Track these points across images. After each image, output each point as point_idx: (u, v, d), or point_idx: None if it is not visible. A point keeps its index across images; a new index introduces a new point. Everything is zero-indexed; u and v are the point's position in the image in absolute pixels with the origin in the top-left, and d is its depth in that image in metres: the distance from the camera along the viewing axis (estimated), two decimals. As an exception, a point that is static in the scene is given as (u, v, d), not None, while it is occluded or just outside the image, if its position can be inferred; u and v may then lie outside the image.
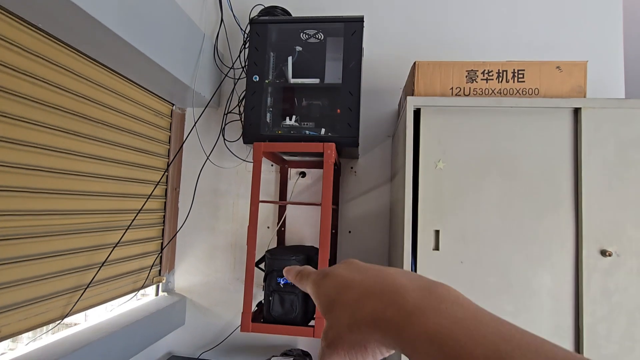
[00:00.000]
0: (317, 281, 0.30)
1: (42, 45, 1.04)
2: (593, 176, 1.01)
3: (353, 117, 1.31)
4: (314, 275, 0.31)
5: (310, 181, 1.70)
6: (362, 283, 0.26)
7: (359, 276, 0.27)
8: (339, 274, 0.29)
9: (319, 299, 0.29)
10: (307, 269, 0.33)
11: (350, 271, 0.29)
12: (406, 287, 0.24)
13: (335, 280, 0.28)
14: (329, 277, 0.29)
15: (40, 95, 1.05)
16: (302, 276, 0.33)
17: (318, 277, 0.30)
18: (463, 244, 1.05)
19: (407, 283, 0.25)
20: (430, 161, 1.08)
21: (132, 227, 1.45)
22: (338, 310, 0.26)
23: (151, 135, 1.58)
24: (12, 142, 0.98)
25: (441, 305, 0.22)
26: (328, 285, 0.28)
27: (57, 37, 1.08)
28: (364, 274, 0.27)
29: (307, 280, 0.31)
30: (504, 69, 1.10)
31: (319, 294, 0.29)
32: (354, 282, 0.27)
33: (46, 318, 1.10)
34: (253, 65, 1.39)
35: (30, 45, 1.01)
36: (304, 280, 0.32)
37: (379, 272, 0.27)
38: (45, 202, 1.08)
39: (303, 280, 0.32)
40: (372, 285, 0.26)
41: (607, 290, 0.99)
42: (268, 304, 1.26)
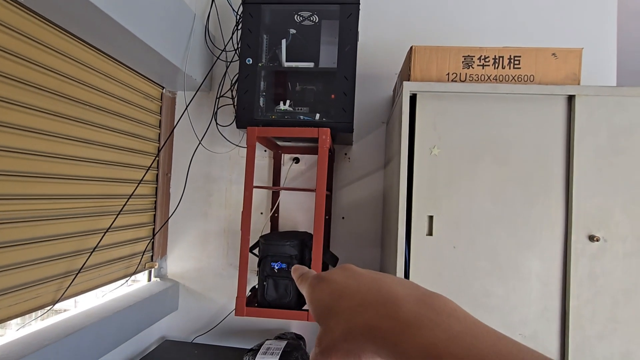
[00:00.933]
0: (313, 285, 0.30)
1: (26, 23, 1.00)
2: (584, 163, 1.03)
3: (348, 102, 1.30)
4: (310, 278, 0.31)
5: (304, 167, 1.69)
6: (357, 291, 0.26)
7: (354, 283, 0.27)
8: (334, 280, 0.28)
9: (313, 303, 0.29)
10: (309, 272, 0.33)
11: (346, 277, 0.28)
12: (402, 298, 0.24)
13: (330, 286, 0.28)
14: (324, 282, 0.29)
15: (24, 75, 1.01)
16: (303, 278, 0.32)
17: (314, 281, 0.30)
18: (456, 229, 1.07)
19: (403, 293, 0.24)
20: (425, 147, 1.08)
21: (123, 213, 1.43)
22: (333, 317, 0.26)
23: (141, 119, 1.54)
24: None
25: (438, 318, 0.21)
26: (323, 291, 0.28)
27: (42, 15, 1.03)
28: (359, 281, 0.27)
29: (305, 283, 0.31)
30: (500, 54, 1.10)
31: (313, 298, 0.29)
32: (349, 290, 0.27)
33: (37, 303, 1.09)
34: (246, 48, 1.36)
35: (14, 23, 0.96)
36: (303, 283, 0.32)
37: (374, 281, 0.27)
38: (32, 186, 1.06)
39: (303, 282, 0.32)
40: (367, 293, 0.25)
41: (593, 274, 1.02)
42: (262, 288, 1.27)
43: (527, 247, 1.05)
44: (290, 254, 1.27)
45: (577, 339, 1.02)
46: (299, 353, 1.28)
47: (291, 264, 1.26)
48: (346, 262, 1.64)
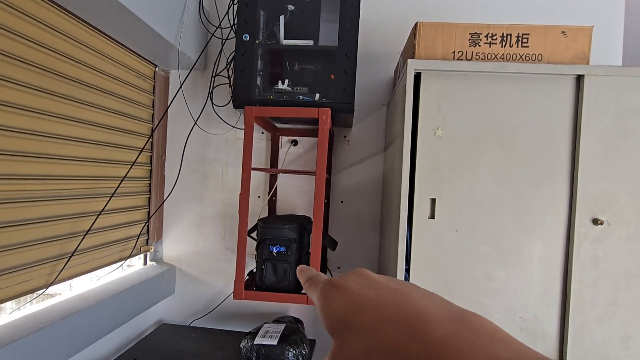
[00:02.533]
0: (325, 292, 0.26)
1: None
2: (591, 145, 1.01)
3: (349, 81, 1.26)
4: (321, 284, 0.27)
5: (303, 150, 1.65)
6: (378, 305, 0.23)
7: (373, 294, 0.24)
8: (349, 288, 0.25)
9: (325, 313, 0.25)
10: (318, 276, 0.30)
11: (363, 286, 0.25)
12: (432, 316, 0.21)
13: (345, 296, 0.25)
14: (337, 290, 0.25)
15: (10, 48, 0.95)
16: (311, 282, 0.29)
17: (326, 288, 0.26)
18: (459, 212, 1.05)
19: (433, 310, 0.21)
20: (429, 128, 1.05)
21: (117, 195, 1.39)
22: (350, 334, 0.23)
23: (133, 99, 1.49)
24: (-20, 99, 0.89)
25: (478, 340, 0.18)
26: (337, 300, 0.25)
27: (24, -18, 0.96)
28: (379, 292, 0.24)
29: (314, 288, 0.28)
30: (508, 32, 1.06)
31: (326, 307, 0.25)
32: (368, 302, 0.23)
33: (30, 286, 1.06)
34: (243, 23, 1.30)
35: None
36: (312, 288, 0.28)
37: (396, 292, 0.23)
38: (23, 165, 1.01)
39: (311, 287, 0.29)
40: (390, 308, 0.22)
41: (595, 258, 1.01)
42: (261, 272, 1.25)
43: (530, 230, 1.04)
44: (289, 237, 1.24)
45: (577, 323, 1.02)
46: (297, 336, 1.27)
47: (290, 248, 1.24)
48: (345, 246, 1.63)
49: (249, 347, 1.22)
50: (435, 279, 1.06)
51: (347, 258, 1.64)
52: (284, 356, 1.19)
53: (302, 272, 0.32)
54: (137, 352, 1.31)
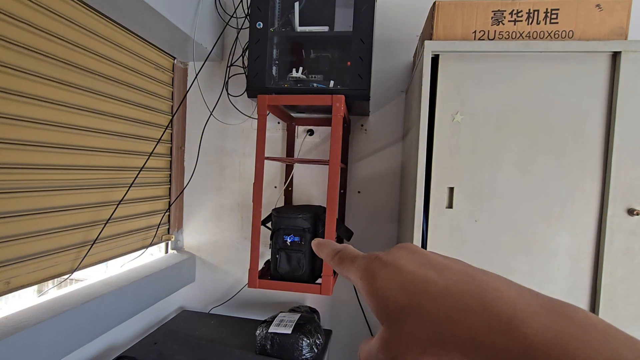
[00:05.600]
0: (370, 272, 0.22)
1: (26, -16, 0.96)
2: (627, 128, 0.92)
3: (364, 67, 1.22)
4: (363, 261, 0.24)
5: (319, 139, 1.63)
6: (447, 290, 0.19)
7: (436, 276, 0.20)
8: (404, 268, 0.22)
9: (375, 296, 0.22)
10: (348, 250, 0.26)
11: (420, 265, 0.21)
12: (518, 304, 0.17)
13: (400, 276, 0.21)
14: (389, 269, 0.22)
15: (29, 41, 0.98)
16: (342, 258, 0.25)
17: (373, 265, 0.23)
18: (478, 201, 1.00)
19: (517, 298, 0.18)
20: (447, 114, 1.00)
21: (137, 185, 1.43)
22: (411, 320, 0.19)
23: (153, 91, 1.52)
24: (5, 91, 0.93)
25: (589, 337, 0.15)
26: (390, 281, 0.21)
27: (43, -24, 0.99)
28: (444, 274, 0.20)
29: (351, 266, 0.24)
30: (535, 8, 0.98)
31: (375, 289, 0.22)
32: (433, 285, 0.20)
33: (55, 271, 1.11)
34: (256, 11, 1.28)
35: (14, -16, 0.93)
36: (347, 265, 0.25)
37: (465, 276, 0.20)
38: (46, 156, 1.05)
39: (345, 264, 0.25)
40: (464, 294, 0.19)
41: (630, 251, 0.93)
42: (275, 261, 1.25)
43: (557, 221, 0.97)
44: (303, 227, 1.23)
45: (609, 320, 0.95)
46: (312, 326, 1.27)
47: (304, 237, 1.23)
48: (361, 237, 1.60)
49: (264, 335, 1.23)
50: (453, 271, 1.01)
51: (363, 249, 1.60)
52: (297, 345, 1.19)
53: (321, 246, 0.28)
54: (157, 337, 1.35)
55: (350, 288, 1.61)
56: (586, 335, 0.15)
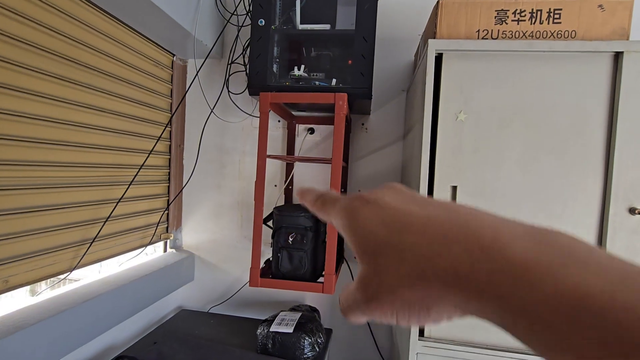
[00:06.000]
0: (354, 209, 0.22)
1: (26, -22, 0.94)
2: (629, 127, 0.93)
3: (366, 65, 1.22)
4: (345, 201, 0.23)
5: (319, 138, 1.63)
6: (429, 221, 0.19)
7: (419, 210, 0.20)
8: (387, 204, 0.21)
9: (355, 234, 0.21)
10: (330, 193, 0.25)
11: (404, 202, 0.21)
12: (503, 232, 0.17)
13: (382, 213, 0.20)
14: (371, 206, 0.21)
15: (28, 35, 0.96)
16: (324, 202, 0.25)
17: (354, 204, 0.22)
18: (482, 200, 1.00)
19: (502, 225, 0.17)
20: (451, 112, 1.00)
21: (137, 183, 1.42)
22: (391, 255, 0.19)
23: (152, 87, 1.50)
24: (2, 86, 0.91)
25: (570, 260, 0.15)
26: (371, 218, 0.20)
27: (42, -30, 0.97)
28: (426, 208, 0.20)
29: (332, 208, 0.23)
30: (538, 8, 0.99)
31: (356, 227, 0.21)
32: (414, 218, 0.19)
33: (54, 270, 1.10)
34: (258, 8, 1.28)
35: (13, -22, 0.91)
36: (328, 207, 0.24)
37: (447, 210, 0.19)
38: (43, 152, 1.04)
39: (326, 208, 0.24)
40: (446, 224, 0.18)
41: (632, 250, 0.94)
42: (276, 260, 1.24)
43: (559, 220, 0.98)
44: (305, 225, 1.23)
45: (609, 317, 0.96)
46: (313, 325, 1.26)
47: (306, 236, 1.23)
48: (362, 236, 1.60)
49: (265, 334, 1.23)
50: (455, 270, 1.01)
51: (364, 248, 1.61)
52: (299, 344, 1.18)
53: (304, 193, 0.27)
54: (157, 337, 1.34)
55: (350, 287, 1.60)
56: (568, 259, 0.15)
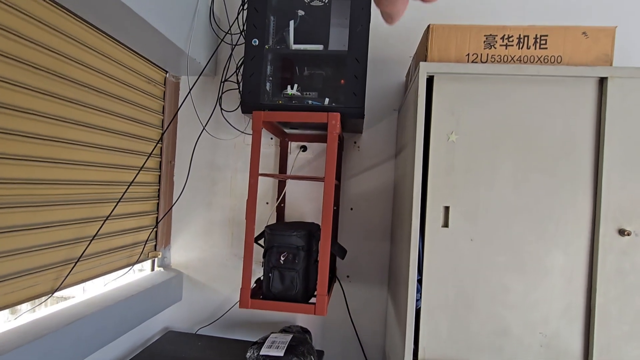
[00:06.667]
0: None
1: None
2: (615, 151, 0.95)
3: (359, 85, 1.23)
4: None
5: (312, 156, 1.63)
6: None
7: None
8: None
9: None
10: None
11: None
12: None
13: None
14: None
15: (18, 52, 0.95)
16: None
17: None
18: (474, 221, 1.00)
19: None
20: (442, 133, 1.01)
21: (125, 200, 1.39)
22: None
23: (144, 104, 1.49)
24: (-11, 103, 0.89)
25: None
26: None
27: (36, -12, 0.97)
28: None
29: None
30: (525, 34, 1.02)
31: None
32: None
33: (35, 292, 1.05)
34: (252, 28, 1.29)
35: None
36: None
37: None
38: (30, 170, 1.01)
39: None
40: None
41: (622, 271, 0.95)
42: (267, 280, 1.22)
43: (551, 240, 0.98)
44: (297, 245, 1.21)
45: (603, 340, 0.95)
46: (304, 347, 1.23)
47: (298, 256, 1.21)
48: (354, 255, 1.58)
49: (255, 358, 1.19)
50: (449, 291, 1.01)
51: (356, 266, 1.60)
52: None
53: None
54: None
55: (342, 307, 1.58)
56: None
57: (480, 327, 1.00)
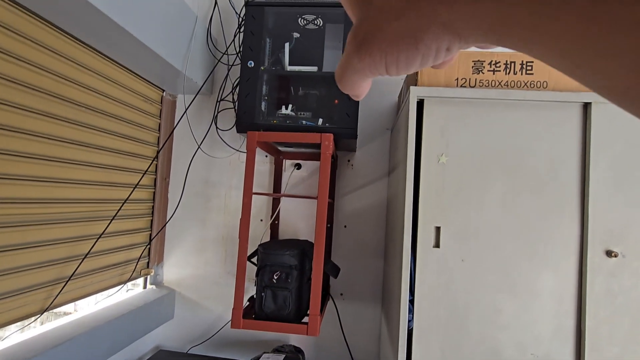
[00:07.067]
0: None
1: (19, 20, 0.96)
2: (601, 174, 0.97)
3: (352, 107, 1.26)
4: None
5: (306, 173, 1.64)
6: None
7: None
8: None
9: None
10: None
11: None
12: None
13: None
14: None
15: (17, 74, 0.97)
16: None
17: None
18: (464, 241, 1.01)
19: None
20: (433, 155, 1.04)
21: (119, 218, 1.39)
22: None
23: (140, 122, 1.51)
24: (-14, 124, 0.90)
25: None
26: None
27: (36, 12, 0.99)
28: None
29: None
30: (512, 60, 1.05)
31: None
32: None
33: (24, 312, 1.04)
34: (248, 50, 1.32)
35: (7, 21, 0.93)
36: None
37: None
38: (23, 189, 1.01)
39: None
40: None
41: (611, 292, 0.96)
42: (260, 299, 1.21)
43: (540, 261, 0.99)
44: (290, 264, 1.21)
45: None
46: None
47: (291, 275, 1.21)
48: (348, 272, 1.58)
49: (247, 380, 1.17)
50: (441, 311, 1.01)
51: (350, 284, 1.60)
52: (282, 391, 1.13)
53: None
54: (131, 382, 1.26)
55: (336, 326, 1.57)
56: None
57: (472, 348, 1.00)
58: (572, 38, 0.13)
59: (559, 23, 0.13)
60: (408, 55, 0.17)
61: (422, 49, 0.17)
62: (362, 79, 0.20)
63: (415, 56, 0.17)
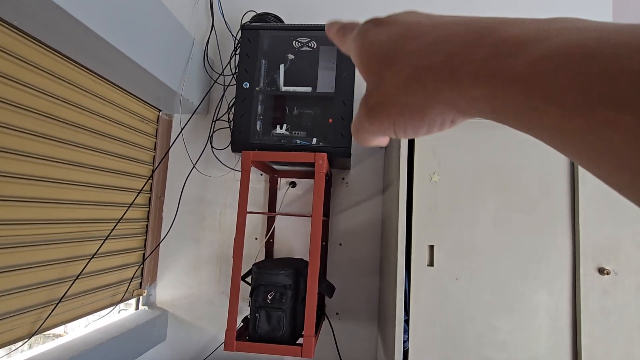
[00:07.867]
0: (365, 31, 0.21)
1: (15, 43, 0.98)
2: (591, 191, 0.99)
3: (346, 126, 1.28)
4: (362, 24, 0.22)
5: (301, 191, 1.65)
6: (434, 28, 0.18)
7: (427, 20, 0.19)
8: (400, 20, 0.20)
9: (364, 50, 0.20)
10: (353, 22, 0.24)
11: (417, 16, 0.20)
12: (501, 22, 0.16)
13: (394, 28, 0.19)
14: (384, 25, 0.20)
15: (13, 96, 0.98)
16: (345, 30, 0.23)
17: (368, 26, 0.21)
18: (459, 259, 1.02)
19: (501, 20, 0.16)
20: (425, 174, 1.05)
21: (112, 238, 1.38)
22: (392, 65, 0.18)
23: (136, 142, 1.52)
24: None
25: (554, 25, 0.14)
26: (381, 34, 0.20)
27: (33, 36, 1.02)
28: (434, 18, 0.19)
29: (349, 34, 0.23)
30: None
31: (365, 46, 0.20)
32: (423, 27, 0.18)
33: (12, 336, 1.02)
34: (243, 72, 1.35)
35: (3, 44, 0.95)
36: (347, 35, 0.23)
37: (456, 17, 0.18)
38: (14, 210, 1.01)
39: (346, 35, 0.23)
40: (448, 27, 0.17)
41: (605, 309, 0.96)
42: (254, 320, 1.20)
43: (534, 279, 1.00)
44: (284, 283, 1.20)
45: (591, 381, 0.95)
46: (292, 392, 1.19)
47: (285, 295, 1.19)
48: (343, 291, 1.57)
49: (240, 405, 1.14)
50: (436, 330, 1.00)
51: (345, 303, 1.58)
52: (276, 416, 1.10)
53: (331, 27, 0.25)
54: (120, 409, 1.22)
55: (331, 346, 1.54)
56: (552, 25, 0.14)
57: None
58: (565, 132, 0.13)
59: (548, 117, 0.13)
60: (414, 125, 0.18)
61: (427, 121, 0.18)
62: (374, 137, 0.22)
63: (421, 126, 0.18)
